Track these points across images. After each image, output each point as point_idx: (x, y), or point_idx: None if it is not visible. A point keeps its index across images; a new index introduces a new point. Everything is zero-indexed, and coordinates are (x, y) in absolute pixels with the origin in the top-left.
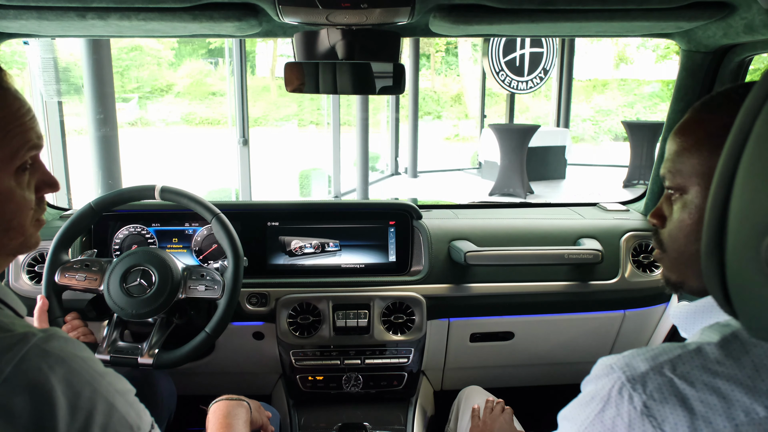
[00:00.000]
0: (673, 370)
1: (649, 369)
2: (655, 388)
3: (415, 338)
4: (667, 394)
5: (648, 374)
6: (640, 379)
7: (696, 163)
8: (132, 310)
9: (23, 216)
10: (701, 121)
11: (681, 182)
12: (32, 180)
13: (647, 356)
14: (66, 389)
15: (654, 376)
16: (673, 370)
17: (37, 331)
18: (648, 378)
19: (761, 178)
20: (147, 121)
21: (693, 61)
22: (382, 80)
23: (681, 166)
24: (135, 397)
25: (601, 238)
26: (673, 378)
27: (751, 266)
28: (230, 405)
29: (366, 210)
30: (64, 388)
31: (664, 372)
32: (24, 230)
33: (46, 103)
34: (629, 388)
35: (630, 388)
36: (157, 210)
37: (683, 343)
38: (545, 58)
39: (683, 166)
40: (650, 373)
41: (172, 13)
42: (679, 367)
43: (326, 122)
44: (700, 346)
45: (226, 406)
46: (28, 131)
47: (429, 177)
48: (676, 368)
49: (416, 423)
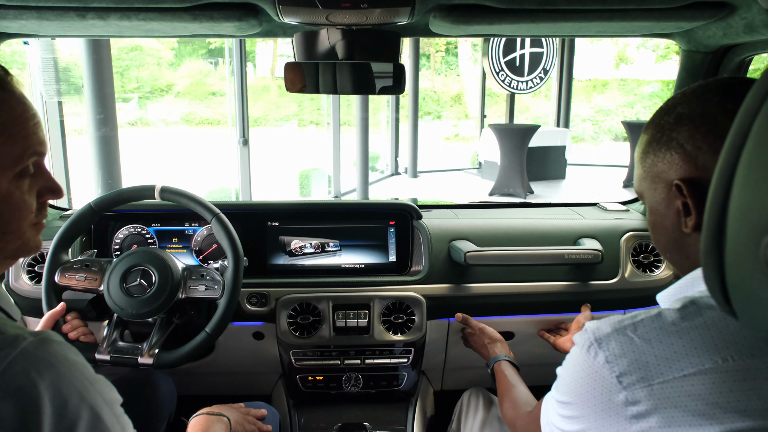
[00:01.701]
0: (634, 331)
1: (612, 330)
2: (616, 346)
3: (415, 338)
4: (626, 350)
5: (611, 334)
6: (605, 338)
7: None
8: (132, 310)
9: (21, 219)
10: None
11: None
12: (34, 185)
13: (614, 321)
14: (53, 396)
15: (617, 336)
16: (633, 330)
17: (29, 334)
18: (611, 338)
19: (761, 176)
20: (147, 121)
21: (693, 61)
22: (382, 80)
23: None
24: (121, 407)
25: (601, 238)
26: (633, 337)
27: (750, 266)
28: (209, 420)
29: (366, 210)
30: (51, 395)
31: (626, 333)
32: (22, 234)
33: (46, 103)
34: (596, 346)
35: (597, 346)
36: (157, 210)
37: (648, 309)
38: (545, 58)
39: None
40: (613, 333)
41: (172, 13)
42: (639, 328)
43: (326, 122)
44: (661, 311)
45: (205, 421)
46: (30, 137)
47: (429, 177)
48: (636, 329)
49: (416, 423)
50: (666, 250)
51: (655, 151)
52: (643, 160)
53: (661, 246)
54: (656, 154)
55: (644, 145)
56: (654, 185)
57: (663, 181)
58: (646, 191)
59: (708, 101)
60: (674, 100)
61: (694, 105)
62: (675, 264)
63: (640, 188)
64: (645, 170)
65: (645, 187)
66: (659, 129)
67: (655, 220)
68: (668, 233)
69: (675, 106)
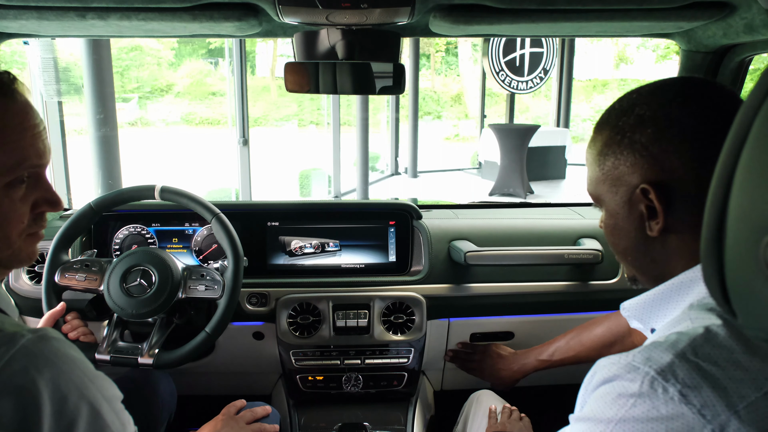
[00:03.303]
0: (695, 355)
1: (674, 358)
2: (686, 375)
3: (415, 338)
4: (698, 378)
5: (674, 363)
6: (669, 369)
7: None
8: (132, 310)
9: (10, 228)
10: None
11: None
12: (30, 195)
13: (665, 347)
14: (53, 393)
15: (681, 364)
16: (695, 354)
17: (27, 331)
18: (676, 367)
19: (761, 176)
20: (147, 121)
21: (693, 61)
22: (382, 80)
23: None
24: (122, 404)
25: (601, 238)
26: (698, 362)
27: (750, 266)
28: None
29: (366, 210)
30: (50, 392)
31: (688, 358)
32: (10, 242)
33: (46, 103)
34: (661, 381)
35: (662, 380)
36: (157, 210)
37: (684, 330)
38: (545, 58)
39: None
40: (676, 361)
41: (172, 13)
42: (699, 350)
43: (326, 122)
44: (708, 327)
45: None
46: (27, 148)
47: (429, 177)
48: (697, 352)
49: (416, 423)
50: (626, 254)
51: (615, 153)
52: (601, 163)
53: (620, 249)
54: (617, 156)
55: (600, 146)
56: (614, 188)
57: (625, 184)
58: (604, 194)
59: (669, 102)
60: (630, 100)
61: (655, 106)
62: (637, 269)
63: (597, 191)
64: (603, 173)
65: (603, 191)
66: (617, 131)
67: (616, 224)
68: (630, 237)
69: (633, 107)
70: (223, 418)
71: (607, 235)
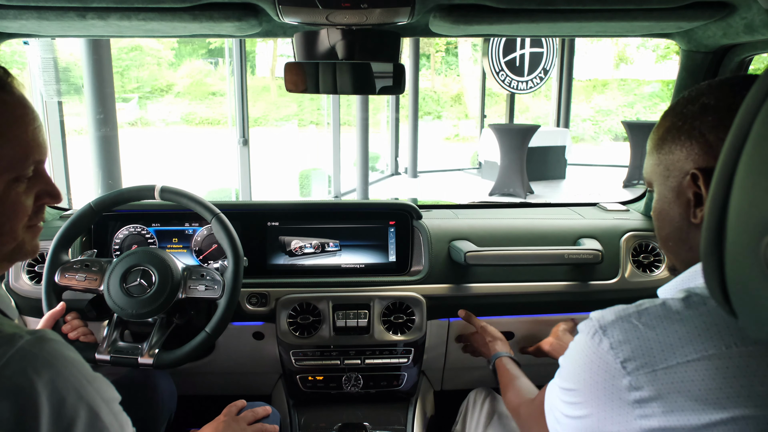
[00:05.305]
0: (638, 319)
1: (616, 318)
2: (620, 332)
3: (415, 338)
4: (632, 337)
5: (615, 322)
6: (609, 325)
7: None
8: (132, 310)
9: (15, 221)
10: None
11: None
12: (32, 187)
13: (618, 309)
14: (51, 395)
15: (620, 323)
16: (638, 318)
17: (26, 332)
18: (616, 325)
19: (761, 176)
20: (147, 121)
21: (693, 61)
22: (382, 80)
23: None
24: (120, 405)
25: (601, 238)
26: (638, 325)
27: (750, 266)
28: None
29: (366, 210)
30: (49, 394)
31: (630, 320)
32: (16, 236)
33: (46, 103)
34: (600, 333)
35: (601, 333)
36: (157, 210)
37: (653, 299)
38: (545, 58)
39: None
40: (617, 321)
41: (172, 13)
42: (644, 315)
43: (326, 122)
44: (665, 300)
45: None
46: (30, 142)
47: (429, 177)
48: (641, 317)
49: (416, 423)
50: (668, 240)
51: (674, 138)
52: (660, 147)
53: (663, 235)
54: (675, 141)
55: (662, 132)
56: (668, 173)
57: (678, 169)
58: (657, 178)
59: (735, 94)
60: (699, 90)
61: (721, 97)
62: (675, 255)
63: (652, 176)
64: (660, 158)
65: (658, 174)
66: (681, 117)
67: (662, 208)
68: (674, 223)
69: (699, 96)
70: (224, 419)
71: (654, 220)
